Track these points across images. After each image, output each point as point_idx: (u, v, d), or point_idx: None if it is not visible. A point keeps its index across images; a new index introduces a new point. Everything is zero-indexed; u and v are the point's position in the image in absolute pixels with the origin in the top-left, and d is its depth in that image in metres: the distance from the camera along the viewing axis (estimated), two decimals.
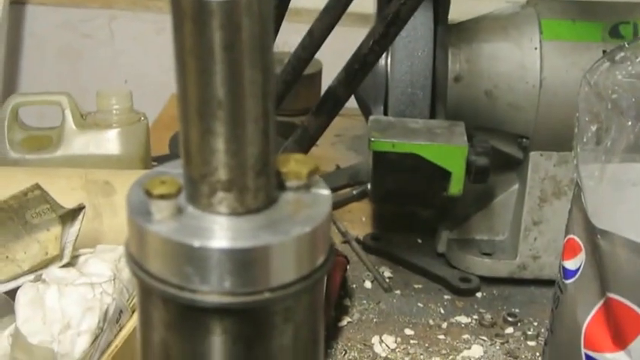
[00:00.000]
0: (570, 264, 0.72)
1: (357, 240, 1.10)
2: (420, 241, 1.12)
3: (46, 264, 0.69)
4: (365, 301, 1.00)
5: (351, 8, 0.99)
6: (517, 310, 1.00)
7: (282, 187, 0.42)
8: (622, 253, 0.64)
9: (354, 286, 1.02)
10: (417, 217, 1.15)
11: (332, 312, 0.93)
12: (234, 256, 0.39)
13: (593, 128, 0.67)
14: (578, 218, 0.71)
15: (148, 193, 0.40)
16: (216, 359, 0.41)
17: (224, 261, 0.39)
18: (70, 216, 0.71)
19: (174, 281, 0.40)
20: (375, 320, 0.97)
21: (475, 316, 0.99)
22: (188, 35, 0.37)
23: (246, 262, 0.39)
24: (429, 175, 0.98)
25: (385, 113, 1.03)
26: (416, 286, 1.04)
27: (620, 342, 0.66)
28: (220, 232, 0.39)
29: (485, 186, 1.06)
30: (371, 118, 0.99)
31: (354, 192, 1.19)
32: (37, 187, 0.69)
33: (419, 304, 1.00)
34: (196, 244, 0.39)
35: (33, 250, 0.70)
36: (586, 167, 0.71)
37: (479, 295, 1.03)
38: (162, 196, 0.40)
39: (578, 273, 0.71)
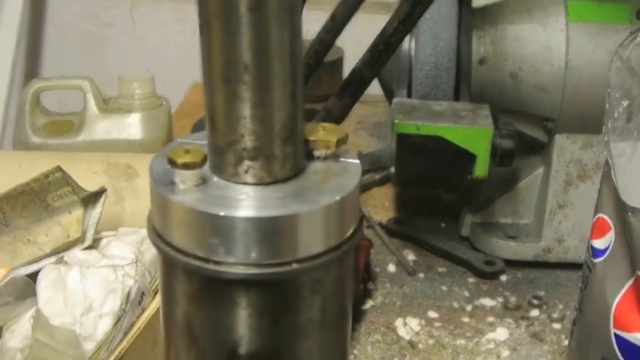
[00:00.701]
0: (599, 243, 0.70)
1: (381, 224, 1.09)
2: (443, 225, 1.10)
3: (67, 246, 0.69)
4: (388, 285, 0.99)
5: None
6: (542, 293, 0.99)
7: (310, 156, 0.42)
8: None
9: (378, 270, 1.01)
10: (441, 201, 1.14)
11: (360, 286, 0.91)
12: (261, 225, 0.38)
13: (625, 104, 0.66)
14: (608, 196, 0.69)
15: (172, 162, 0.39)
16: (242, 333, 0.40)
17: (250, 231, 0.38)
18: (91, 199, 0.71)
19: (199, 253, 0.39)
20: (398, 303, 0.96)
21: (500, 299, 0.97)
22: None
23: (273, 232, 0.38)
24: (453, 158, 0.96)
25: (409, 96, 1.02)
26: (440, 269, 1.03)
27: None
28: (246, 201, 0.39)
29: (510, 169, 1.05)
30: (395, 100, 0.98)
31: (377, 177, 1.18)
32: (59, 169, 0.69)
33: (443, 288, 0.99)
34: (222, 213, 0.38)
35: (55, 232, 0.69)
36: (617, 145, 0.69)
37: (503, 278, 1.02)
38: (186, 165, 0.39)
39: (608, 252, 0.69)
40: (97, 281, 0.65)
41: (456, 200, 1.11)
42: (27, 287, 0.67)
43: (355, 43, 1.09)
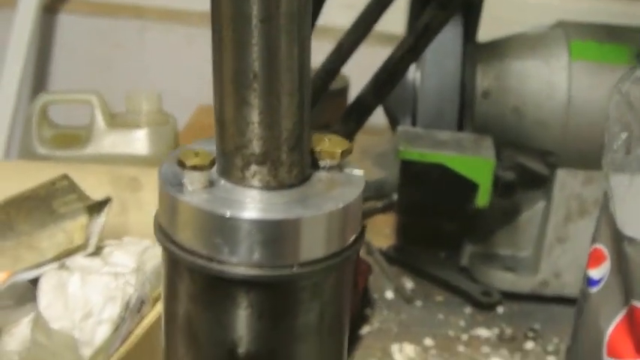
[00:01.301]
0: (595, 273, 0.71)
1: (381, 251, 1.10)
2: (443, 254, 1.11)
3: (70, 253, 0.70)
4: (386, 311, 1.00)
5: (378, 27, 1.00)
6: (538, 326, 0.99)
7: (315, 165, 0.43)
8: None
9: (376, 296, 1.02)
10: (442, 230, 1.15)
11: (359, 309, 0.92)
12: (265, 227, 0.39)
13: (623, 137, 0.67)
14: (606, 227, 0.70)
15: (181, 164, 0.40)
16: (241, 333, 0.41)
17: (254, 232, 0.39)
18: (96, 208, 0.72)
19: (203, 252, 0.40)
20: (395, 330, 0.96)
21: (496, 330, 0.98)
22: (225, 6, 0.38)
23: (276, 235, 0.39)
24: (455, 187, 0.98)
25: (413, 125, 1.03)
26: (437, 298, 1.03)
27: None
28: (252, 203, 0.40)
29: (511, 202, 1.06)
30: (399, 128, 1.00)
31: (379, 204, 1.19)
32: (66, 177, 0.70)
33: (440, 316, 1.00)
34: (228, 213, 0.39)
35: (58, 238, 0.70)
36: (615, 177, 0.70)
37: (500, 309, 1.02)
38: (195, 167, 0.40)
39: (603, 282, 0.70)
40: (98, 288, 0.65)
41: (456, 230, 1.12)
42: (28, 292, 0.68)
43: (360, 74, 1.11)
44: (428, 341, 0.95)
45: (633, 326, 0.67)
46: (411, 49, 0.84)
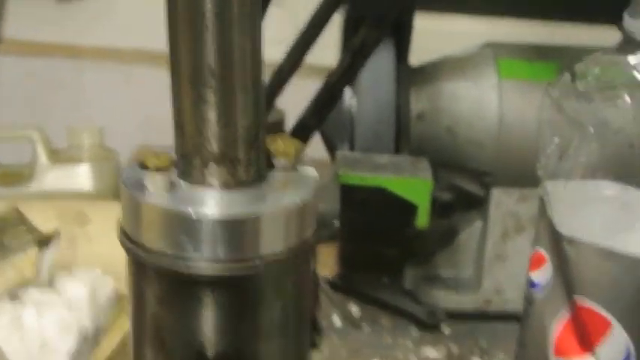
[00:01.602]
0: (537, 275, 0.73)
1: (325, 280, 1.11)
2: (386, 278, 1.12)
3: (21, 286, 0.69)
4: (335, 338, 1.00)
5: (312, 61, 1.02)
6: (484, 344, 1.01)
7: (270, 165, 0.44)
8: (587, 258, 0.66)
9: (324, 323, 1.03)
10: (383, 255, 1.16)
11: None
12: (227, 224, 0.40)
13: (556, 141, 0.70)
14: (544, 230, 0.73)
15: (143, 166, 0.41)
16: (208, 334, 0.42)
17: (217, 229, 0.40)
18: (46, 241, 0.72)
19: (168, 252, 0.41)
20: (344, 355, 0.97)
21: (443, 350, 1.00)
22: (180, 1, 0.39)
23: (238, 231, 0.40)
24: (395, 210, 0.99)
25: (351, 150, 1.05)
26: (384, 322, 1.05)
27: (588, 345, 0.68)
28: (213, 201, 0.41)
29: (449, 223, 1.08)
30: (338, 153, 1.01)
31: (321, 235, 1.20)
32: (15, 209, 0.70)
33: (387, 339, 1.01)
34: (191, 212, 0.40)
35: (8, 274, 0.70)
36: (550, 182, 0.73)
37: (446, 330, 1.04)
38: (156, 168, 0.41)
39: (545, 284, 0.72)
40: (53, 320, 0.65)
41: (398, 254, 1.14)
42: None
43: (295, 106, 1.12)
44: None
45: (577, 324, 0.69)
46: (348, 68, 0.86)
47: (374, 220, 1.02)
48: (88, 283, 0.70)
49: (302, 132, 0.89)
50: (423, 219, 0.98)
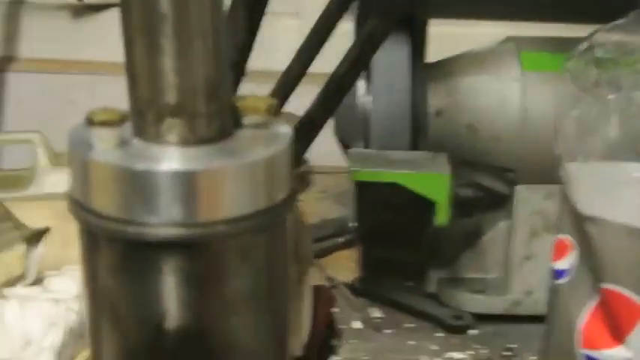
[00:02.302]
0: (560, 264, 0.68)
1: (345, 284, 1.07)
2: (409, 282, 1.08)
3: (9, 284, 0.66)
4: (354, 341, 0.96)
5: (319, 69, 0.98)
6: (514, 346, 0.96)
7: (238, 123, 0.40)
8: (614, 239, 0.62)
9: (343, 327, 0.98)
10: (405, 259, 1.11)
11: (318, 342, 0.87)
12: (183, 180, 0.36)
13: (575, 114, 0.65)
14: (567, 215, 0.68)
15: (89, 121, 0.37)
16: (167, 306, 0.37)
17: (171, 187, 0.36)
18: (34, 237, 0.68)
19: (119, 216, 0.36)
20: (364, 358, 0.92)
21: (470, 353, 0.94)
22: None
23: (195, 188, 0.36)
24: (413, 208, 0.95)
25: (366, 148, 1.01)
26: (407, 325, 1.00)
27: (618, 335, 0.63)
28: (169, 157, 0.37)
29: (472, 224, 1.04)
30: (350, 150, 0.97)
31: (341, 239, 1.16)
32: (1, 205, 0.67)
33: (411, 342, 0.96)
34: (141, 167, 0.36)
35: None
36: (571, 163, 0.68)
37: (473, 332, 0.99)
38: (104, 123, 0.37)
39: (570, 272, 0.67)
40: (37, 315, 0.62)
41: (421, 259, 1.09)
42: None
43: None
44: None
45: (606, 312, 0.64)
46: (357, 59, 0.82)
47: (391, 219, 0.98)
48: (77, 279, 0.66)
49: (309, 127, 0.84)
50: (442, 216, 0.93)
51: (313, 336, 0.85)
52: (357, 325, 0.99)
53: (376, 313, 1.02)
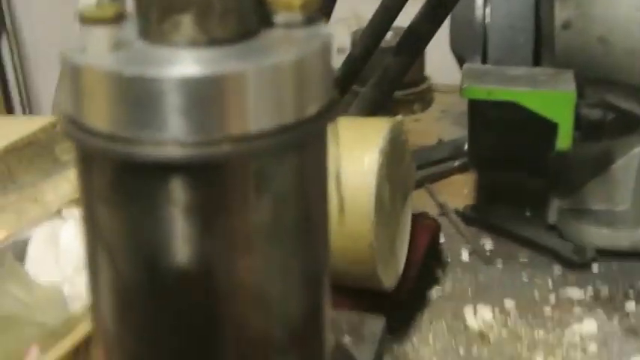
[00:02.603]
0: None
1: (456, 211, 0.99)
2: (527, 212, 0.99)
3: (71, 206, 0.62)
4: (460, 273, 0.89)
5: None
6: None
7: (267, 22, 0.33)
8: None
9: (449, 258, 0.91)
10: (525, 187, 1.02)
11: (413, 273, 0.80)
12: (188, 89, 0.29)
13: None
14: None
15: (82, 19, 0.31)
16: (163, 239, 0.31)
17: (174, 97, 0.29)
18: None
19: (112, 131, 0.30)
20: (470, 292, 0.85)
21: (590, 290, 0.86)
22: None
23: (203, 98, 0.29)
24: (532, 130, 0.86)
25: (484, 64, 0.92)
26: (521, 259, 0.92)
27: None
28: (172, 61, 0.30)
29: (602, 149, 0.94)
30: (465, 65, 0.88)
31: (456, 163, 1.08)
32: None
33: (523, 277, 0.88)
34: (133, 72, 0.29)
35: (63, 189, 0.63)
36: None
37: (595, 268, 0.90)
38: (96, 21, 0.30)
39: None
40: None
41: (542, 186, 1.00)
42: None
43: None
44: (508, 303, 0.83)
45: None
46: None
47: (508, 141, 0.89)
48: None
49: (413, 40, 0.76)
50: (565, 140, 0.83)
51: (408, 267, 0.77)
52: (465, 256, 0.92)
53: (487, 243, 0.94)
